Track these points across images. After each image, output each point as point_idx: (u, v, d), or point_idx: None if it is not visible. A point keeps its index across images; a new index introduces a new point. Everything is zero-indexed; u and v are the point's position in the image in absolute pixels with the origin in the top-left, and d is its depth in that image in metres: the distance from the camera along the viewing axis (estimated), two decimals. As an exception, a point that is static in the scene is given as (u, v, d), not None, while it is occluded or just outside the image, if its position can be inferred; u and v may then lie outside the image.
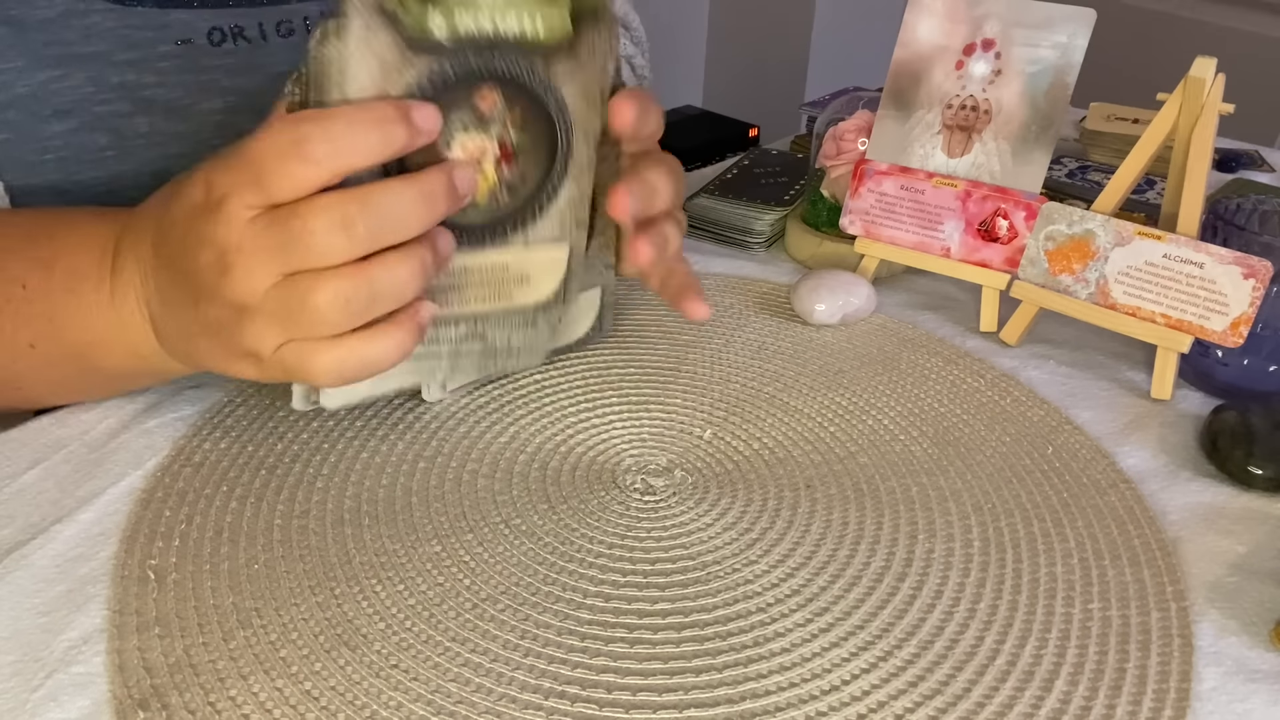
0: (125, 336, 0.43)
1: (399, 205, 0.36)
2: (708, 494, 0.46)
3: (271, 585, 0.39)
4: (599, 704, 0.35)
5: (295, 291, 0.36)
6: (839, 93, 0.86)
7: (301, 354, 0.37)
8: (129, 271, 0.42)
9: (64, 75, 0.51)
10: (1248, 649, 0.39)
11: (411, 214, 0.36)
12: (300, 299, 0.36)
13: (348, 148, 0.34)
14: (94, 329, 0.44)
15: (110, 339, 0.44)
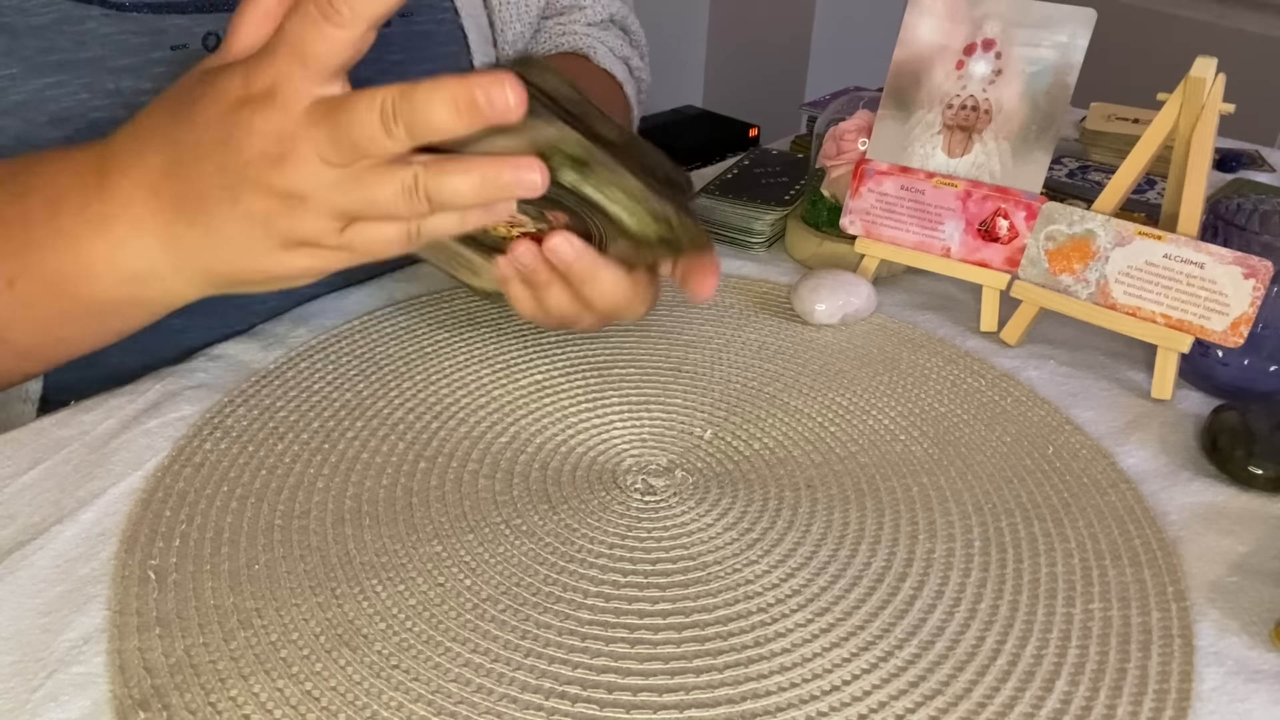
0: (117, 260, 0.41)
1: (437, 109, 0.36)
2: (708, 494, 0.46)
3: (272, 585, 0.39)
4: (600, 704, 0.35)
5: (358, 182, 0.37)
6: (839, 93, 0.86)
7: (366, 231, 0.39)
8: (124, 190, 0.41)
9: (59, 82, 0.50)
10: (1248, 649, 0.39)
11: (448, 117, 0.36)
12: (358, 188, 0.37)
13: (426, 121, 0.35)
14: (80, 256, 0.42)
15: (98, 265, 0.42)
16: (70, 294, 0.43)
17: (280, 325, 0.57)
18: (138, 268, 0.42)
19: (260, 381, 0.52)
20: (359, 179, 0.37)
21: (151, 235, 0.41)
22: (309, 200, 0.38)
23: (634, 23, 0.79)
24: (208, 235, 0.40)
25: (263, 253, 0.40)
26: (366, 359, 0.54)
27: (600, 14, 0.75)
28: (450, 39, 0.63)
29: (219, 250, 0.40)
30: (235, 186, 0.38)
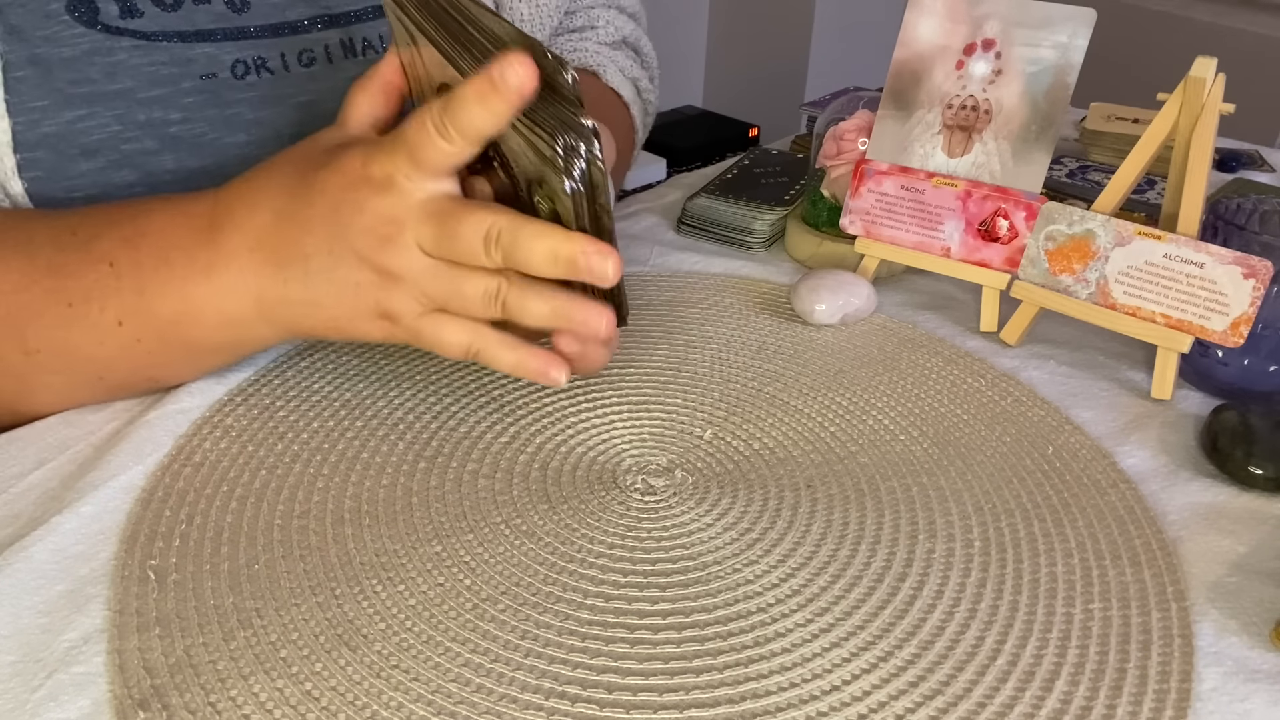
0: (221, 304, 0.44)
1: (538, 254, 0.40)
2: (708, 494, 0.46)
3: (272, 585, 0.39)
4: (600, 704, 0.35)
5: (451, 273, 0.42)
6: (839, 93, 0.86)
7: (439, 325, 0.43)
8: (233, 241, 0.44)
9: (90, 114, 0.51)
10: (1248, 649, 0.39)
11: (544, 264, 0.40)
12: (449, 281, 0.42)
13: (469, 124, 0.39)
14: (188, 298, 0.44)
15: (204, 308, 0.45)
16: (175, 336, 0.46)
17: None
18: (235, 312, 0.45)
19: (260, 380, 0.52)
20: (451, 271, 0.42)
21: (249, 289, 0.44)
22: (403, 281, 0.42)
23: (646, 45, 0.80)
24: (301, 294, 0.44)
25: (348, 318, 0.44)
26: (366, 359, 0.54)
27: (613, 35, 0.76)
28: None
29: (308, 308, 0.44)
30: (338, 253, 0.42)
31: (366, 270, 0.42)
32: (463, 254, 0.41)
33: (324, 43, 0.58)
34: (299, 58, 0.57)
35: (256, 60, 0.55)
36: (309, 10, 0.57)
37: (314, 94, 0.58)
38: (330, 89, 0.58)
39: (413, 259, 0.42)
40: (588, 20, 0.76)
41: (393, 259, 0.42)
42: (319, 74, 0.58)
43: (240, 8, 0.55)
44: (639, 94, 0.76)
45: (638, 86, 0.76)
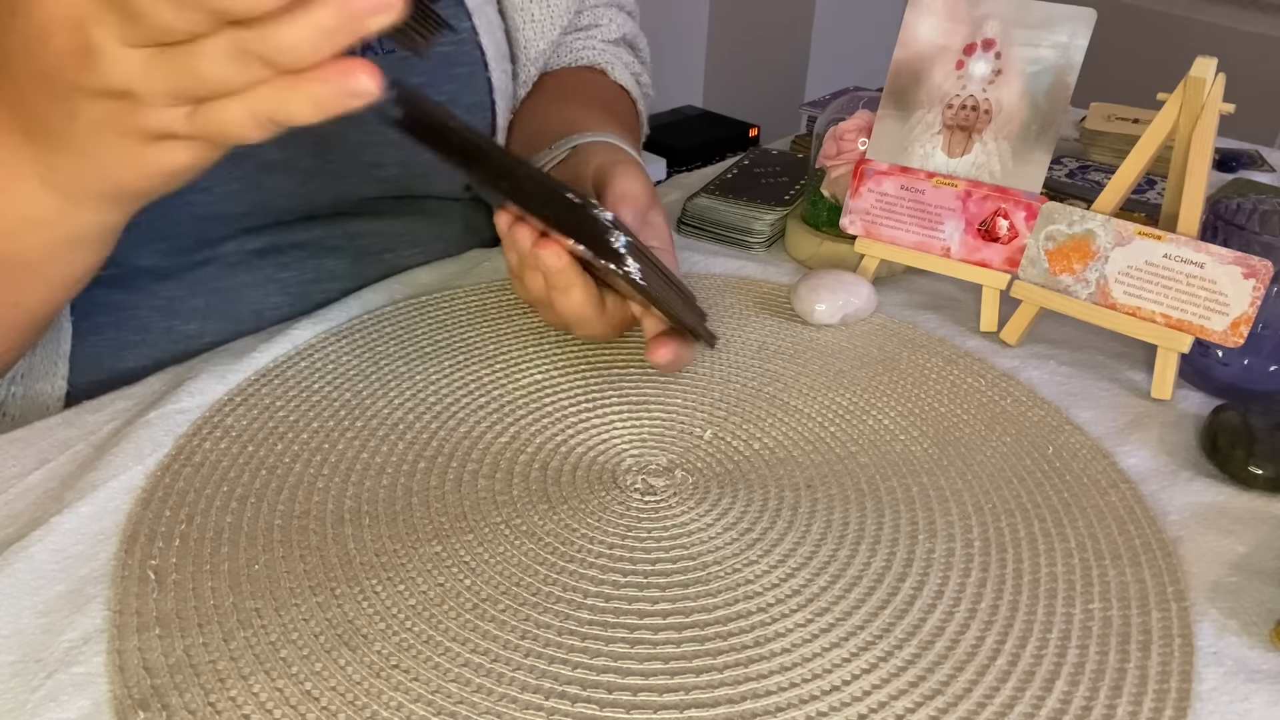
0: (11, 210, 0.40)
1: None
2: (708, 494, 0.46)
3: (272, 585, 0.39)
4: (600, 704, 0.35)
5: (173, 55, 0.33)
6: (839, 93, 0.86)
7: (216, 113, 0.34)
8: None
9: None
10: (1248, 649, 0.39)
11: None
12: (180, 62, 0.33)
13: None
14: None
15: (2, 217, 0.40)
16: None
17: (280, 323, 0.57)
18: (35, 212, 0.40)
19: (260, 381, 0.52)
20: (174, 56, 0.33)
21: (27, 175, 0.39)
22: (137, 92, 0.34)
23: (642, 40, 0.81)
24: (71, 155, 0.38)
25: (130, 156, 0.37)
26: (366, 359, 0.54)
27: (615, 32, 0.78)
28: (469, 59, 0.64)
29: (89, 167, 0.38)
30: (64, 96, 0.35)
31: (97, 100, 0.35)
32: (161, 27, 0.32)
33: None
34: None
35: None
36: None
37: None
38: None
39: (122, 61, 0.33)
40: (593, 19, 0.77)
41: (105, 73, 0.34)
42: None
43: None
44: (640, 88, 0.78)
45: (639, 81, 0.78)
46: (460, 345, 0.56)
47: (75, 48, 0.33)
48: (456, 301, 0.60)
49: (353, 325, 0.57)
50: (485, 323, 0.58)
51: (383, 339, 0.56)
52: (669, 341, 0.50)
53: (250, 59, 0.32)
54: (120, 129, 0.36)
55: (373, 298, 0.60)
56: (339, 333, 0.56)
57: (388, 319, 0.58)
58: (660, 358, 0.50)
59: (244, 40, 0.32)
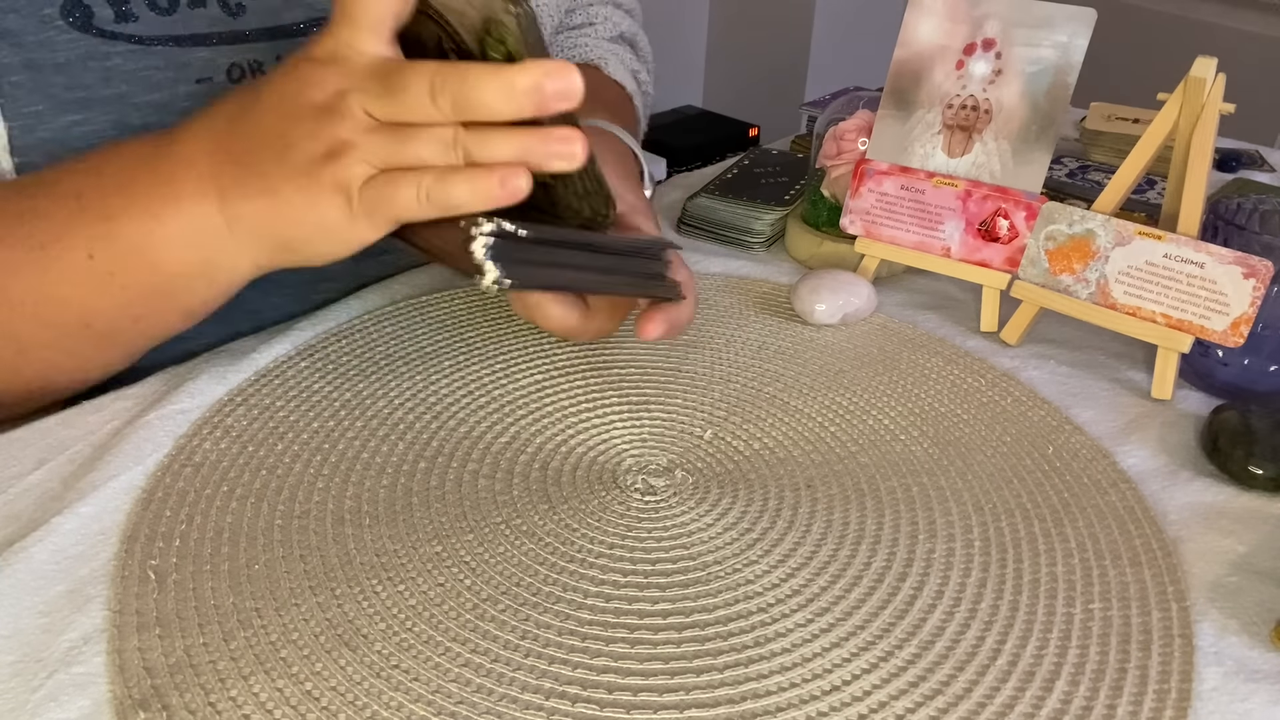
0: (183, 223, 0.44)
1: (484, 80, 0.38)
2: (708, 494, 0.46)
3: (272, 585, 0.39)
4: (600, 704, 0.35)
5: (401, 133, 0.39)
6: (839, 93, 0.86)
7: (393, 181, 0.40)
8: (188, 149, 0.43)
9: (85, 119, 0.50)
10: (1248, 649, 0.39)
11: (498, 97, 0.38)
12: (398, 139, 0.39)
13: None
14: (153, 216, 0.44)
15: (169, 225, 0.44)
16: (145, 262, 0.44)
17: (280, 324, 0.57)
18: (195, 224, 0.43)
19: (260, 381, 0.52)
20: (402, 131, 0.39)
21: (208, 191, 0.43)
22: (352, 147, 0.40)
23: (643, 39, 0.81)
24: (259, 186, 0.42)
25: (306, 201, 0.41)
26: (366, 359, 0.54)
27: (612, 30, 0.78)
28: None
29: (266, 198, 0.42)
30: (288, 136, 0.41)
31: (316, 144, 0.40)
32: (410, 109, 0.39)
33: None
34: None
35: (252, 64, 0.55)
36: (304, 13, 0.57)
37: None
38: None
39: (359, 123, 0.39)
40: (587, 18, 0.77)
41: (339, 127, 0.39)
42: None
43: (235, 11, 0.55)
44: (638, 86, 0.78)
45: (637, 79, 0.78)
46: (460, 345, 0.56)
47: (327, 105, 0.40)
48: (456, 301, 0.60)
49: (353, 325, 0.57)
50: (485, 323, 0.58)
51: (383, 339, 0.56)
52: (653, 315, 0.49)
53: (458, 152, 0.39)
54: (315, 171, 0.40)
55: (373, 298, 0.60)
56: (339, 333, 0.56)
57: (388, 319, 0.58)
58: (649, 334, 0.49)
59: (465, 139, 0.39)
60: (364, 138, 0.39)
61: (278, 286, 0.60)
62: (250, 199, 0.42)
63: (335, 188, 0.40)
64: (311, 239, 0.43)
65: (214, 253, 0.45)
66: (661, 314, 0.49)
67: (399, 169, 0.40)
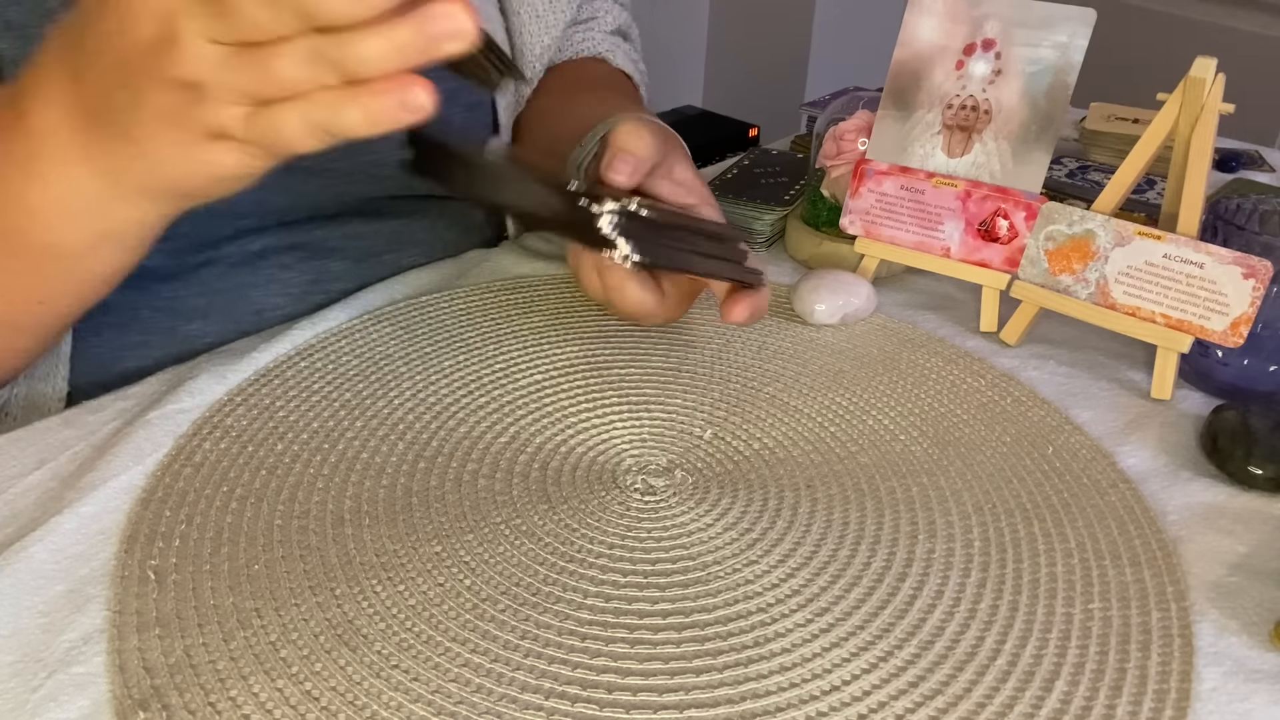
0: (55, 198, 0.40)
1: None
2: (708, 494, 0.46)
3: (272, 585, 0.39)
4: (600, 704, 0.35)
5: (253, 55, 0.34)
6: (839, 93, 0.86)
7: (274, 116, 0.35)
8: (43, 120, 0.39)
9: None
10: (1248, 649, 0.39)
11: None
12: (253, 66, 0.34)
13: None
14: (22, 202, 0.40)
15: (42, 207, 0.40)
16: (26, 246, 0.42)
17: (280, 324, 0.57)
18: (76, 201, 0.40)
19: (260, 381, 0.52)
20: (251, 54, 0.34)
21: (77, 161, 0.39)
22: (206, 86, 0.35)
23: (634, 30, 0.84)
24: (126, 144, 0.38)
25: (182, 151, 0.37)
26: (366, 359, 0.54)
27: (612, 24, 0.80)
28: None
29: (141, 158, 0.38)
30: (134, 84, 0.36)
31: (167, 90, 0.35)
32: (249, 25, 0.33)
33: None
34: None
35: None
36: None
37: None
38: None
39: (202, 54, 0.34)
40: (590, 12, 0.79)
41: (181, 63, 0.34)
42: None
43: None
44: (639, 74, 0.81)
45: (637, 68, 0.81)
46: (460, 345, 0.56)
47: (158, 36, 0.34)
48: (456, 301, 0.60)
49: (353, 325, 0.57)
50: (485, 323, 0.58)
51: (383, 339, 0.56)
52: (738, 300, 0.50)
53: (324, 65, 0.33)
54: (180, 122, 0.36)
55: (373, 298, 0.60)
56: (339, 333, 0.56)
57: (388, 319, 0.58)
58: (735, 317, 0.50)
59: (323, 46, 0.33)
60: (215, 74, 0.34)
61: (280, 287, 0.60)
62: (126, 164, 0.39)
63: (211, 135, 0.36)
64: (210, 186, 0.39)
65: (108, 221, 0.41)
66: (746, 299, 0.50)
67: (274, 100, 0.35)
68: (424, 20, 0.32)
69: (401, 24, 0.32)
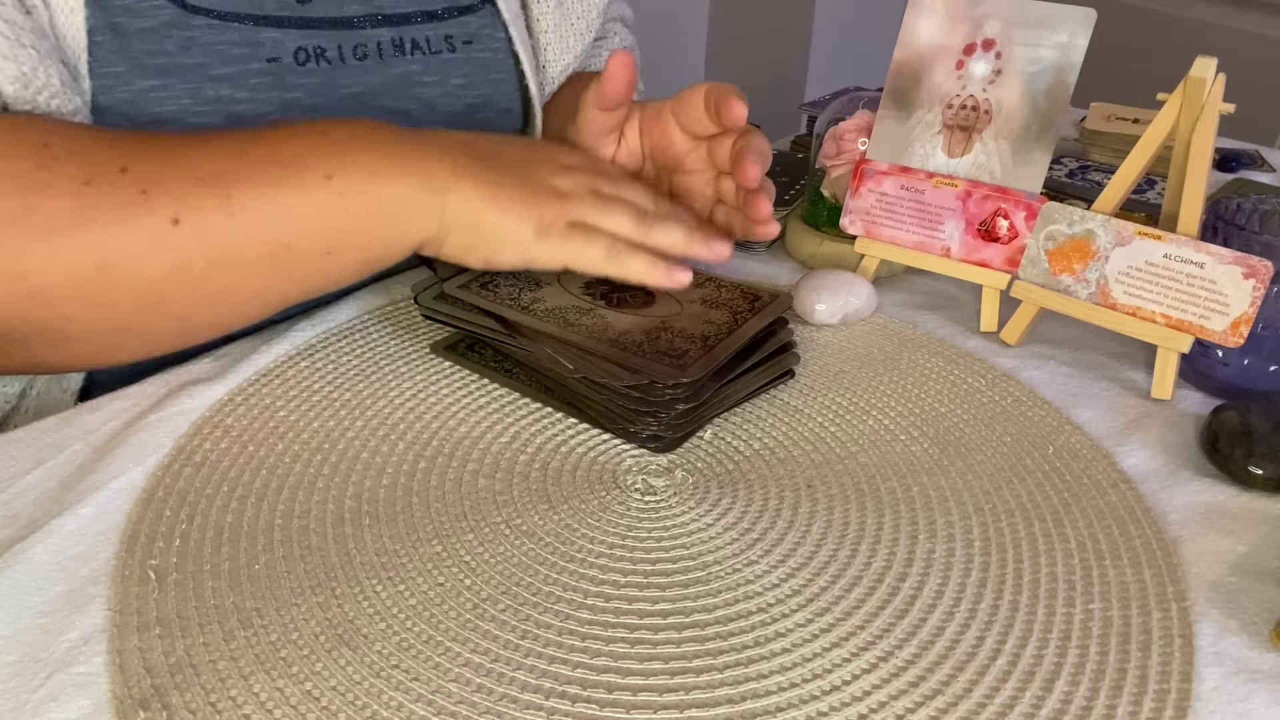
0: (416, 174, 0.48)
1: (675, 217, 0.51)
2: (708, 494, 0.46)
3: (272, 585, 0.39)
4: (600, 704, 0.35)
5: (607, 199, 0.50)
6: (839, 93, 0.86)
7: (587, 230, 0.49)
8: (439, 140, 0.50)
9: (164, 85, 0.52)
10: (1248, 649, 0.39)
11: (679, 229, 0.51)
12: (608, 204, 0.50)
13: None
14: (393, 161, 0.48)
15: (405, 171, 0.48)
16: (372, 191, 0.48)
17: (280, 324, 0.57)
18: (424, 182, 0.48)
19: (260, 380, 0.52)
20: (611, 200, 0.50)
21: (448, 165, 0.49)
22: (576, 196, 0.50)
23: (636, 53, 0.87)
24: (492, 180, 0.49)
25: (526, 196, 0.49)
26: (366, 359, 0.54)
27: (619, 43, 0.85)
28: (503, 67, 0.69)
29: (490, 190, 0.48)
30: (533, 168, 0.51)
31: (552, 182, 0.50)
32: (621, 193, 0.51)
33: (376, 39, 0.61)
34: (354, 51, 0.60)
35: (316, 49, 0.58)
36: (364, 9, 0.61)
37: (365, 85, 0.61)
38: (380, 82, 0.62)
39: (585, 185, 0.50)
40: (602, 32, 0.84)
41: (573, 182, 0.50)
42: (371, 67, 0.61)
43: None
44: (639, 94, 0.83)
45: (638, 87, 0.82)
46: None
47: (572, 165, 0.52)
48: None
49: (353, 325, 0.57)
50: (485, 323, 0.58)
51: (383, 339, 0.56)
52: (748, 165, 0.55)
53: (646, 224, 0.50)
54: (539, 179, 0.50)
55: (373, 298, 0.60)
56: (339, 333, 0.56)
57: (388, 319, 0.58)
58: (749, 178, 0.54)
59: (653, 217, 0.50)
60: (586, 196, 0.50)
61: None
62: (479, 182, 0.48)
63: (544, 211, 0.48)
64: (496, 237, 0.49)
65: (420, 204, 0.48)
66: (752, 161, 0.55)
67: (595, 224, 0.49)
68: (705, 246, 0.51)
69: (694, 234, 0.51)
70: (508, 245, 0.49)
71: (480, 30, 0.67)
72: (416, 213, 0.48)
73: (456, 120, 0.66)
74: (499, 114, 0.69)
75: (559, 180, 0.50)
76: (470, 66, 0.66)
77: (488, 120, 0.68)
